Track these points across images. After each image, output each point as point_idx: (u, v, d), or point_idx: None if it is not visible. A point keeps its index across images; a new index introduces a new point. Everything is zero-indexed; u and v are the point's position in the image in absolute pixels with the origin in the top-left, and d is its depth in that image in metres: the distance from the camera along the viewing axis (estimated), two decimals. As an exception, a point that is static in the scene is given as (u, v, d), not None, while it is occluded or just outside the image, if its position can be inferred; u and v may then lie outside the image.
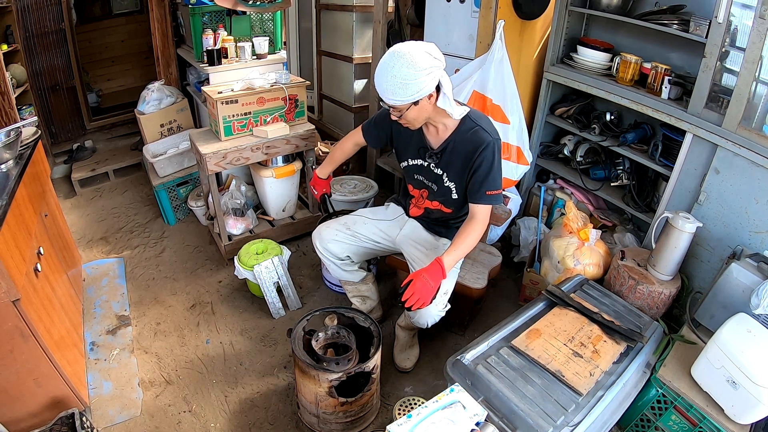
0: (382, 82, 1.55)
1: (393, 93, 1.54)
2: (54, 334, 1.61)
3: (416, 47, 1.54)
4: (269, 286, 2.34)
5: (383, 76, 1.54)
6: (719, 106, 1.87)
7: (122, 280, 2.58)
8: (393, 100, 1.57)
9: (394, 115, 1.67)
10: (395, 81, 1.52)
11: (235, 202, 2.78)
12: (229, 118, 2.49)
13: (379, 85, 1.57)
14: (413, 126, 1.71)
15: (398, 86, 1.52)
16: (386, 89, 1.55)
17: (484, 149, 1.69)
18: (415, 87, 1.53)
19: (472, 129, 1.72)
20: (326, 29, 3.86)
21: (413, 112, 1.62)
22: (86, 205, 3.31)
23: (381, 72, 1.55)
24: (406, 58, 1.51)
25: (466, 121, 1.74)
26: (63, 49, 3.34)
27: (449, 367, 1.59)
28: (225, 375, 2.08)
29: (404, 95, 1.54)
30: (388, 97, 1.57)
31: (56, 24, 3.24)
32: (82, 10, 3.76)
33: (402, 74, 1.51)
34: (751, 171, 1.80)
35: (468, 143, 1.72)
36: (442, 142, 1.78)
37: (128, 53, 4.23)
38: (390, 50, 1.56)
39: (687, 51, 2.12)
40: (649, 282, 2.00)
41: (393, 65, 1.52)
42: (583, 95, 2.57)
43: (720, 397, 1.55)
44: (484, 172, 1.71)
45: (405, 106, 1.59)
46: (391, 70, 1.52)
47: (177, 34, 3.33)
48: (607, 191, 2.57)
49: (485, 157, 1.69)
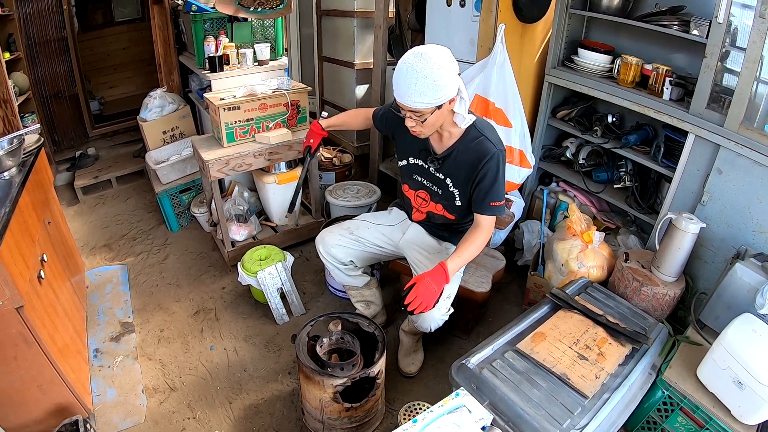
0: (411, 84, 1.47)
1: (422, 95, 1.48)
2: (58, 340, 1.61)
3: (438, 48, 1.51)
4: (273, 292, 2.34)
5: (411, 78, 1.47)
6: (721, 106, 1.87)
7: (126, 287, 2.58)
8: (419, 103, 1.50)
9: (413, 121, 1.59)
10: (426, 82, 1.46)
11: (238, 209, 2.79)
12: (232, 125, 2.49)
13: (407, 87, 1.49)
14: (425, 134, 1.67)
15: (429, 87, 1.47)
16: (414, 91, 1.48)
17: (488, 160, 1.66)
18: (445, 89, 1.49)
19: (477, 139, 1.69)
20: (327, 35, 3.88)
21: (434, 117, 1.57)
22: (89, 213, 3.31)
23: (407, 73, 1.48)
24: (433, 58, 1.47)
25: (471, 131, 1.71)
26: (65, 57, 3.36)
27: (454, 371, 1.59)
28: (229, 381, 2.07)
29: (433, 97, 1.49)
30: (414, 100, 1.50)
31: (58, 32, 3.26)
32: (83, 18, 3.79)
33: (433, 75, 1.46)
34: (753, 170, 1.79)
35: (472, 153, 1.70)
36: (446, 149, 1.76)
37: (130, 61, 4.25)
38: (411, 53, 1.51)
39: (687, 52, 2.12)
40: (654, 284, 2.00)
41: (422, 66, 1.46)
42: (585, 98, 2.57)
43: (726, 397, 1.54)
44: (488, 183, 1.68)
45: (430, 110, 1.53)
46: (421, 71, 1.46)
47: (179, 42, 3.35)
48: (610, 193, 2.56)
49: (489, 168, 1.67)
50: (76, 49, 3.45)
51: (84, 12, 3.78)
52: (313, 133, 2.16)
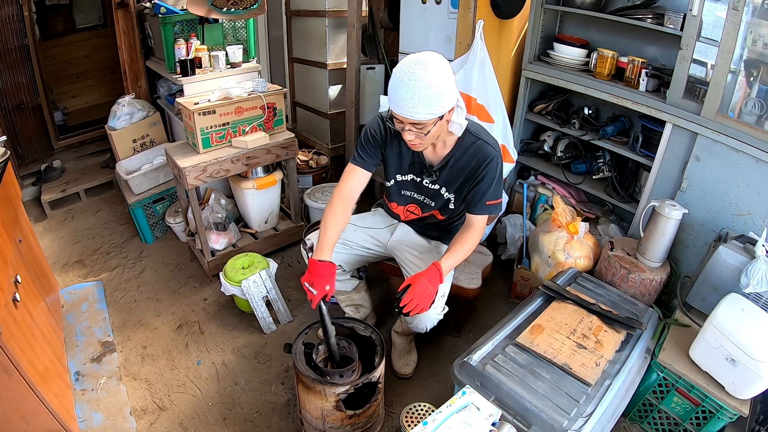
0: (414, 94, 1.37)
1: (426, 105, 1.38)
2: (38, 366, 1.52)
3: (436, 56, 1.42)
4: (258, 300, 2.28)
5: (413, 88, 1.37)
6: (697, 95, 1.94)
7: (103, 305, 2.46)
8: (423, 114, 1.40)
9: (413, 134, 1.49)
10: (429, 92, 1.37)
11: (216, 216, 2.70)
12: (207, 130, 2.41)
13: (409, 98, 1.38)
14: (424, 146, 1.57)
15: (433, 97, 1.37)
16: (418, 102, 1.38)
17: (489, 163, 1.62)
18: (447, 98, 1.41)
19: (475, 143, 1.64)
20: (298, 36, 3.82)
21: (437, 128, 1.48)
22: (58, 228, 3.15)
23: (409, 83, 1.37)
24: (436, 66, 1.38)
25: (466, 136, 1.65)
26: (27, 67, 3.18)
27: (456, 369, 1.58)
28: (221, 396, 2.00)
29: (437, 107, 1.40)
30: (418, 111, 1.39)
31: (20, 40, 3.09)
32: (44, 25, 3.62)
33: (437, 83, 1.37)
34: (730, 156, 1.86)
35: (471, 158, 1.65)
36: (442, 158, 1.69)
37: (93, 69, 4.08)
38: (408, 60, 1.41)
39: (661, 44, 2.19)
40: (641, 270, 2.05)
41: (424, 75, 1.36)
42: (561, 91, 2.62)
43: (720, 375, 1.59)
44: (487, 185, 1.65)
45: (432, 121, 1.43)
46: (423, 80, 1.36)
47: (145, 46, 3.22)
48: (590, 184, 2.62)
49: (489, 171, 1.63)
50: (39, 57, 3.28)
51: (44, 19, 3.61)
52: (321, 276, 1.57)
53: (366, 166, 1.74)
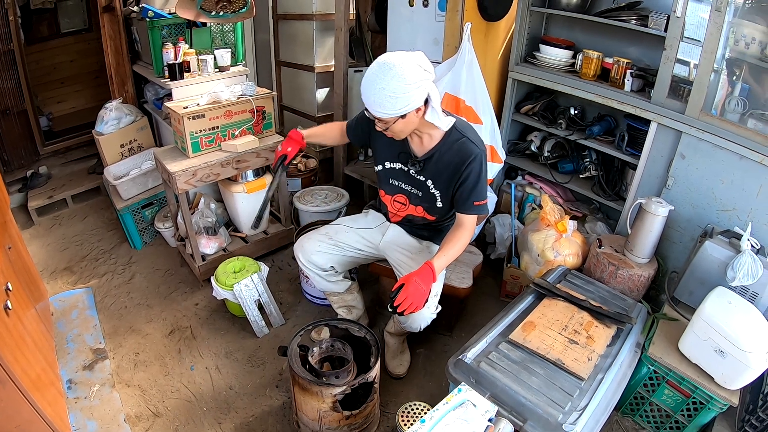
0: (370, 95, 1.50)
1: (380, 106, 1.50)
2: (31, 374, 1.49)
3: (407, 58, 1.49)
4: (251, 304, 2.27)
5: (371, 88, 1.49)
6: (681, 95, 1.98)
7: (93, 311, 2.43)
8: (380, 113, 1.53)
9: (380, 127, 1.62)
10: (384, 94, 1.47)
11: (206, 221, 2.69)
12: (197, 134, 2.40)
13: (367, 97, 1.52)
14: (398, 137, 1.68)
15: (386, 99, 1.48)
16: (374, 102, 1.50)
17: (472, 161, 1.67)
18: (404, 101, 1.49)
19: (459, 140, 1.69)
20: (285, 39, 3.82)
21: (399, 125, 1.58)
22: (46, 235, 3.11)
23: (369, 83, 1.50)
24: (395, 70, 1.46)
25: (452, 132, 1.71)
26: (12, 72, 3.13)
27: (451, 367, 1.59)
28: (215, 401, 1.99)
29: (392, 108, 1.50)
30: (375, 109, 1.52)
31: (5, 45, 3.04)
32: (28, 30, 3.56)
33: (391, 87, 1.46)
34: (715, 154, 1.91)
35: (455, 155, 1.70)
36: (427, 151, 1.75)
37: (78, 74, 4.03)
38: (379, 60, 1.51)
39: (645, 44, 2.24)
40: (629, 266, 2.08)
41: (382, 77, 1.47)
42: (547, 92, 2.66)
43: (709, 366, 1.63)
44: (471, 184, 1.70)
45: (392, 119, 1.55)
46: (380, 82, 1.47)
47: (132, 51, 3.20)
48: (577, 183, 2.66)
49: (473, 169, 1.68)
50: (24, 62, 3.23)
51: (29, 24, 3.56)
52: (291, 140, 1.95)
53: (349, 133, 2.01)
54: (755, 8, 1.79)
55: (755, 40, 1.82)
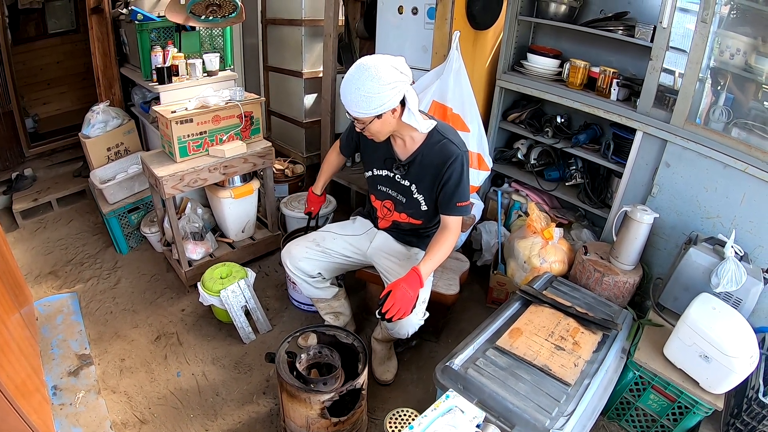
0: (347, 94, 1.57)
1: (356, 105, 1.56)
2: (16, 380, 1.46)
3: (383, 60, 1.55)
4: (237, 310, 2.26)
5: (348, 88, 1.56)
6: (666, 104, 2.02)
7: (78, 317, 2.39)
8: (356, 112, 1.58)
9: (358, 127, 1.68)
10: (359, 94, 1.53)
11: (193, 226, 2.66)
12: (184, 138, 2.39)
13: (344, 97, 1.59)
14: (377, 138, 1.73)
15: (361, 99, 1.53)
16: (350, 101, 1.56)
17: (453, 162, 1.71)
18: (378, 101, 1.53)
19: (440, 142, 1.73)
20: (273, 44, 3.81)
21: (376, 125, 1.63)
22: (30, 238, 3.05)
23: (346, 84, 1.57)
24: (371, 71, 1.52)
25: (433, 134, 1.75)
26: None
27: (439, 374, 1.60)
28: (202, 408, 1.97)
29: (367, 108, 1.55)
30: (351, 109, 1.58)
31: (-9, 46, 3.02)
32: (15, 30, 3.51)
33: (366, 87, 1.52)
34: (699, 162, 1.95)
35: (436, 156, 1.74)
36: (410, 154, 1.79)
37: (65, 75, 3.97)
38: (357, 62, 1.57)
39: (631, 54, 2.27)
40: (614, 273, 2.11)
41: (358, 78, 1.53)
42: (534, 100, 2.69)
43: (694, 371, 1.65)
44: (453, 185, 1.73)
45: (368, 119, 1.60)
46: (356, 83, 1.53)
47: (119, 53, 3.17)
48: (563, 191, 2.68)
49: (454, 170, 1.71)
50: (11, 63, 3.19)
51: (16, 23, 3.51)
52: (310, 202, 2.25)
53: (342, 149, 2.12)
54: (740, 19, 1.84)
55: (739, 50, 1.87)
